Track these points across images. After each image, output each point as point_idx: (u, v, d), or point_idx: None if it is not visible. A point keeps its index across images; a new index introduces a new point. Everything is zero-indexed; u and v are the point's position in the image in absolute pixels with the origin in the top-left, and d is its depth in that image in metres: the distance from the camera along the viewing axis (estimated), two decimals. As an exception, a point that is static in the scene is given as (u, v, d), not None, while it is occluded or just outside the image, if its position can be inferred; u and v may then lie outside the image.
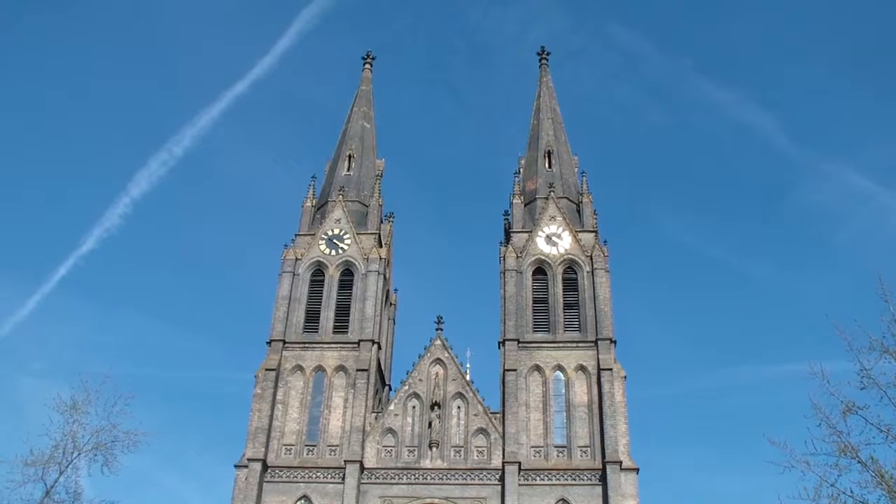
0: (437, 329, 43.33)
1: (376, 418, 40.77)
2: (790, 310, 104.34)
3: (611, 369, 40.59)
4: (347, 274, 45.24)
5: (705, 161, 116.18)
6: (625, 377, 40.69)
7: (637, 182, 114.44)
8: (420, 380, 41.68)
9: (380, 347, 43.86)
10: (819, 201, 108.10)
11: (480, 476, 38.85)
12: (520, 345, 41.90)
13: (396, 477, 39.03)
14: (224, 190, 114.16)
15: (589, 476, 38.15)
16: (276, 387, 41.28)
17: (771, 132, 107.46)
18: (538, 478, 38.37)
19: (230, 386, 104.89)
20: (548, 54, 55.66)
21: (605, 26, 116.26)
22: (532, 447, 39.36)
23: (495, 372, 42.06)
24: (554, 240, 45.31)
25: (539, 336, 42.52)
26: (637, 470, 38.19)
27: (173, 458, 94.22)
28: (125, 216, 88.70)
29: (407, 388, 41.54)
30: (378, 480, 38.90)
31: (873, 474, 19.80)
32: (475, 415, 40.56)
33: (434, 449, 39.62)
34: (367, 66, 55.87)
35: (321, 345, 42.91)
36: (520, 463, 38.43)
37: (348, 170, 49.89)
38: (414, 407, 41.05)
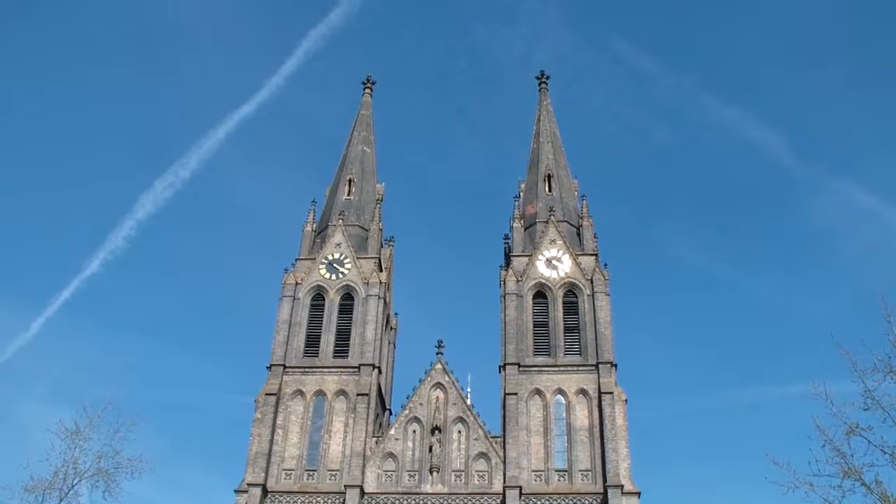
0: (437, 353, 43.30)
1: (377, 443, 40.62)
2: (794, 329, 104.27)
3: (612, 393, 40.50)
4: (348, 298, 45.24)
5: (710, 179, 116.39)
6: (626, 400, 40.60)
7: (643, 200, 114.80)
8: (420, 404, 41.57)
9: (380, 372, 43.78)
10: (824, 219, 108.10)
11: (481, 500, 38.65)
12: (520, 369, 41.83)
13: (397, 502, 38.83)
14: (227, 213, 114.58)
15: (590, 500, 37.97)
16: (276, 411, 41.16)
17: (777, 150, 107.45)
18: (539, 502, 38.18)
19: (231, 410, 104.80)
20: (547, 78, 55.97)
21: (612, 45, 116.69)
22: (533, 471, 39.19)
23: (496, 396, 42.01)
24: (554, 263, 45.36)
25: (540, 360, 42.45)
26: (639, 493, 37.97)
27: (173, 482, 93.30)
28: (129, 238, 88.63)
29: (407, 412, 41.43)
30: (379, 505, 38.75)
31: (877, 497, 19.76)
32: (476, 439, 40.43)
33: (435, 473, 39.45)
34: (368, 90, 56.14)
35: (321, 369, 42.81)
36: (521, 487, 38.25)
37: (348, 194, 50.00)
38: (414, 431, 40.92)
